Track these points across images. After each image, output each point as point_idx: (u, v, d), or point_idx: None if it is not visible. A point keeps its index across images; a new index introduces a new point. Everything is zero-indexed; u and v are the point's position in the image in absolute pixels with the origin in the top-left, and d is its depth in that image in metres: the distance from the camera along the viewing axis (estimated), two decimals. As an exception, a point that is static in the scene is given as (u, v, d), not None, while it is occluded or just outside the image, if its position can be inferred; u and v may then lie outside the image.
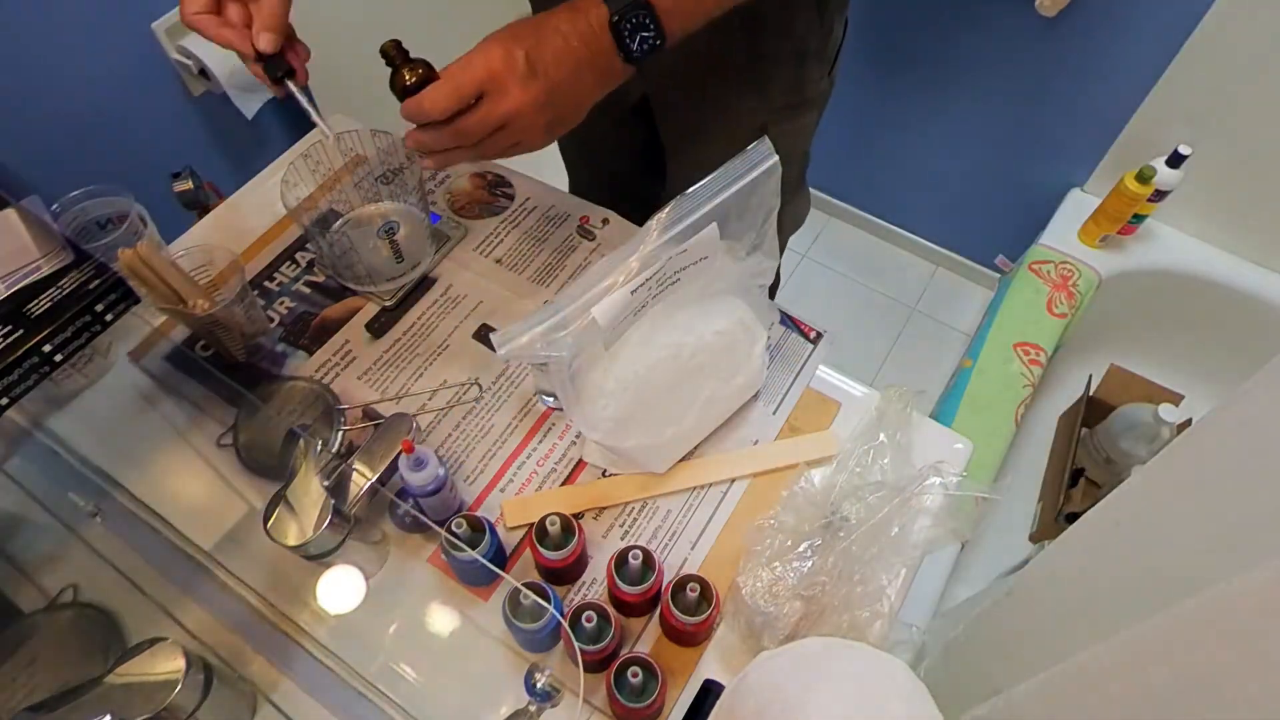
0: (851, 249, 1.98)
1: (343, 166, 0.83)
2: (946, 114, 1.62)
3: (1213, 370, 1.57)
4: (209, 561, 0.66)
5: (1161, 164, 1.37)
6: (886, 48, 1.58)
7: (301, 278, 0.83)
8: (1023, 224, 1.68)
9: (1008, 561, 1.38)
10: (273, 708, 0.60)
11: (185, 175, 1.05)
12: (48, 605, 0.63)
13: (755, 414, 0.75)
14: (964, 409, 1.36)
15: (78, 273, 0.61)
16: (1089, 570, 0.64)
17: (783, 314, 0.81)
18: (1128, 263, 1.53)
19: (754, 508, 0.69)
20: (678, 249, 0.60)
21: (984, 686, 0.63)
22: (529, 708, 0.55)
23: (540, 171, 0.95)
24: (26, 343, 0.58)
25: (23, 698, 0.57)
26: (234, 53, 0.62)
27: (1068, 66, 1.40)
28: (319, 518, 0.58)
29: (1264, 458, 0.45)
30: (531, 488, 0.70)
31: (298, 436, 0.62)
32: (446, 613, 0.64)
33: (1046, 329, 1.46)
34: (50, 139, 1.19)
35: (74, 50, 1.17)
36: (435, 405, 0.74)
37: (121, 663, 0.52)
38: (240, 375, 0.75)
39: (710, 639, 0.63)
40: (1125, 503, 0.59)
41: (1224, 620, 0.38)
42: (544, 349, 0.58)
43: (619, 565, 0.60)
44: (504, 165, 0.94)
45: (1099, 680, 0.47)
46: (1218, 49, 1.25)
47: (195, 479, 0.71)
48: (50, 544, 0.68)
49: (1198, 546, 0.49)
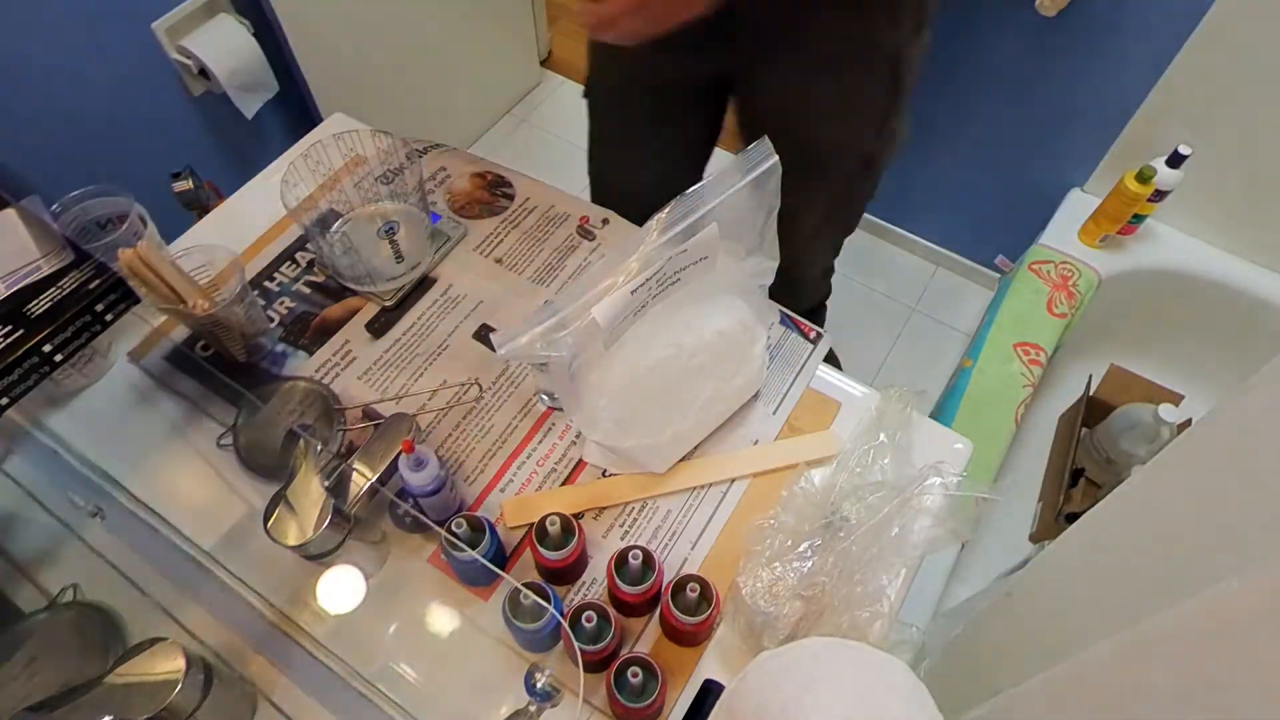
0: (851, 249, 1.97)
1: (343, 166, 0.83)
2: (946, 114, 1.62)
3: (1213, 370, 1.57)
4: (209, 561, 0.66)
5: (1161, 164, 1.37)
6: (886, 48, 1.58)
7: (301, 278, 0.83)
8: (1023, 224, 1.68)
9: (1008, 561, 1.38)
10: (273, 707, 0.60)
11: (185, 175, 1.05)
12: (48, 605, 0.63)
13: (755, 414, 0.75)
14: (964, 409, 1.36)
15: (78, 273, 0.61)
16: (1089, 571, 0.64)
17: (782, 314, 0.81)
18: (1128, 263, 1.53)
19: (754, 508, 0.69)
20: (678, 249, 0.60)
21: (984, 686, 0.63)
22: (529, 708, 0.55)
23: (540, 172, 0.95)
24: (26, 343, 0.58)
25: (23, 698, 0.57)
26: (233, 53, 0.62)
27: (1068, 66, 1.40)
28: (319, 518, 0.58)
29: (1264, 458, 0.45)
30: (531, 488, 0.70)
31: (298, 436, 0.62)
32: (446, 613, 0.64)
33: (1046, 329, 1.46)
34: (50, 139, 1.19)
35: (74, 50, 1.17)
36: (435, 405, 0.74)
37: (121, 663, 0.52)
38: (240, 375, 0.75)
39: (710, 639, 0.63)
40: (1125, 503, 0.59)
41: (1224, 620, 0.38)
42: (544, 349, 0.58)
43: (619, 565, 0.60)
44: (504, 165, 0.94)
45: (1099, 680, 0.47)
46: (1218, 49, 1.25)
47: (195, 479, 0.71)
48: (50, 544, 0.68)
49: (1198, 546, 0.49)
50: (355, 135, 0.81)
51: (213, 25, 1.29)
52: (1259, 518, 0.44)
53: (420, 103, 1.78)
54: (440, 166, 0.93)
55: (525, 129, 2.09)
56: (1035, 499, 1.54)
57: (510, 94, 2.12)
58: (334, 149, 0.81)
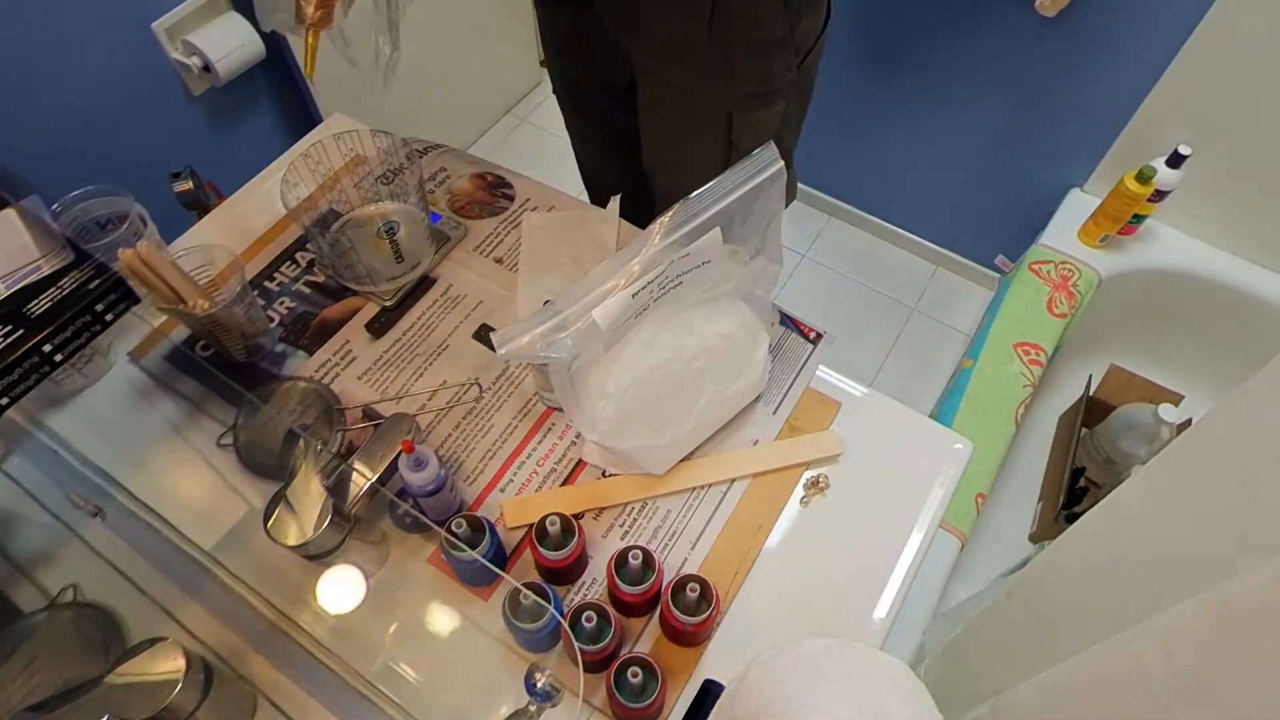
0: (851, 249, 1.98)
1: (343, 166, 0.83)
2: (946, 114, 1.62)
3: (1213, 370, 1.57)
4: (209, 561, 0.66)
5: (1161, 164, 1.37)
6: (886, 47, 1.58)
7: (301, 278, 0.83)
8: (1023, 224, 1.68)
9: (1008, 561, 1.38)
10: (273, 707, 0.60)
11: (185, 175, 1.05)
12: (48, 605, 0.63)
13: (755, 414, 0.75)
14: (964, 409, 1.36)
15: (78, 273, 0.61)
16: (1089, 570, 0.64)
17: (783, 314, 0.81)
18: (1128, 263, 1.53)
19: (754, 508, 0.69)
20: (680, 253, 0.60)
21: (984, 686, 0.63)
22: (529, 708, 0.55)
23: (540, 172, 0.95)
24: (27, 343, 0.58)
25: (23, 698, 0.57)
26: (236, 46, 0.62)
27: (1067, 66, 1.40)
28: (319, 518, 0.58)
29: (1264, 458, 0.45)
30: (531, 488, 0.70)
31: (298, 436, 0.62)
32: (446, 613, 0.64)
33: (1046, 329, 1.46)
34: (50, 139, 1.19)
35: (74, 50, 1.17)
36: (435, 405, 0.74)
37: (121, 662, 0.52)
38: (240, 375, 0.75)
39: (710, 639, 0.63)
40: (1125, 503, 0.59)
41: (1224, 620, 0.38)
42: (544, 350, 0.58)
43: (619, 565, 0.60)
44: (504, 166, 0.94)
45: (1099, 680, 0.47)
46: (1218, 49, 1.25)
47: (195, 479, 0.71)
48: (50, 544, 0.68)
49: (1197, 546, 0.49)
50: (355, 135, 0.80)
51: (217, 22, 1.29)
52: (1259, 518, 0.45)
53: (420, 103, 1.77)
54: (440, 167, 0.93)
55: (525, 129, 2.09)
56: (1035, 499, 1.54)
57: (510, 94, 2.12)
58: (334, 149, 0.81)
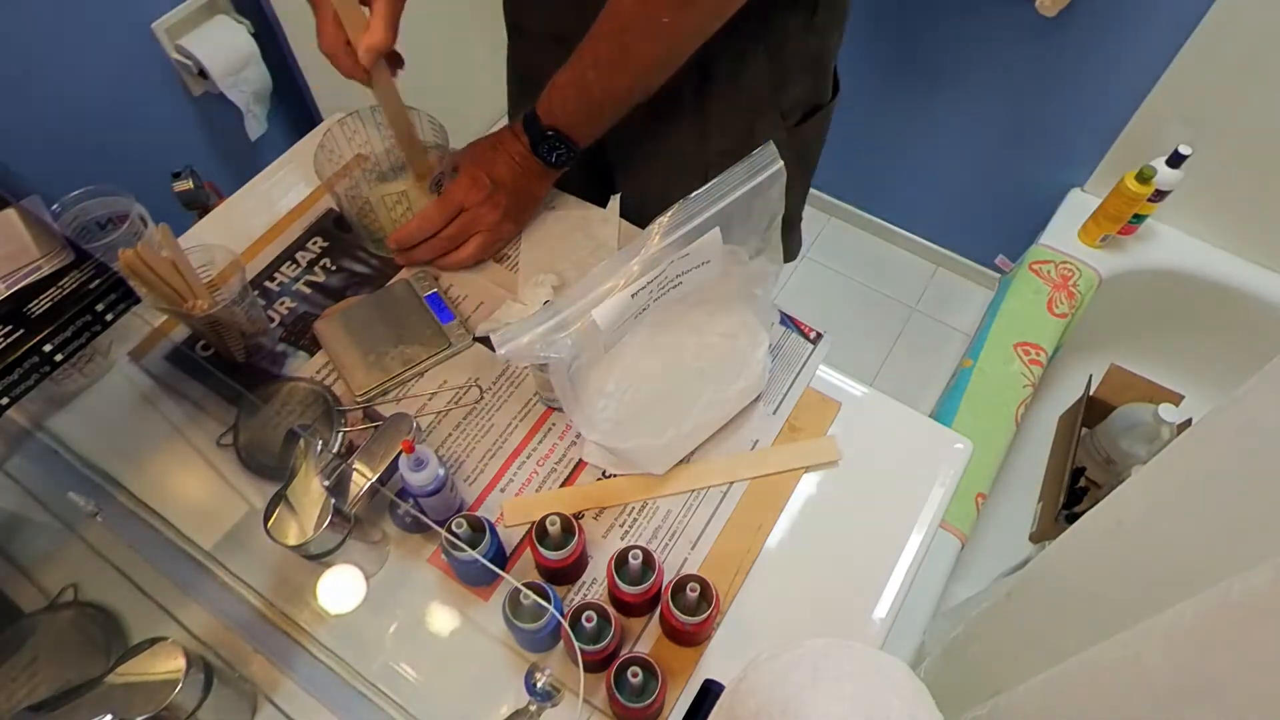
0: (851, 249, 1.98)
1: (353, 159, 0.84)
2: (946, 114, 1.62)
3: (1213, 370, 1.57)
4: (209, 561, 0.66)
5: (1161, 164, 1.37)
6: (887, 47, 1.58)
7: (302, 278, 0.83)
8: (1023, 224, 1.68)
9: (1008, 561, 1.38)
10: (273, 707, 0.60)
11: (185, 175, 1.05)
12: (48, 605, 0.63)
13: (755, 414, 0.75)
14: (964, 409, 1.36)
15: (78, 273, 0.61)
16: (1089, 570, 0.64)
17: (783, 314, 0.81)
18: (1128, 263, 1.53)
19: (754, 508, 0.69)
20: (680, 253, 0.60)
21: (984, 686, 0.63)
22: (529, 708, 0.55)
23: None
24: (27, 343, 0.58)
25: (23, 698, 0.57)
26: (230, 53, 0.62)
27: (1068, 66, 1.40)
28: (319, 518, 0.58)
29: (1264, 458, 0.45)
30: (531, 488, 0.70)
31: (298, 436, 0.62)
32: (446, 613, 0.64)
33: (1047, 329, 1.46)
34: (50, 139, 1.19)
35: (74, 50, 1.17)
36: (435, 405, 0.74)
37: (121, 662, 0.52)
38: (240, 375, 0.75)
39: (710, 639, 0.63)
40: (1125, 503, 0.59)
41: (1224, 621, 0.38)
42: (544, 350, 0.58)
43: (619, 565, 0.60)
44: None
45: (1099, 680, 0.47)
46: (1218, 49, 1.25)
47: (195, 479, 0.71)
48: (50, 544, 0.68)
49: (1197, 546, 0.49)
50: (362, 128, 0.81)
51: (211, 25, 1.29)
52: (1259, 518, 0.45)
53: (420, 103, 1.77)
54: (440, 166, 0.93)
55: (525, 129, 2.09)
56: (1035, 499, 1.54)
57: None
58: (343, 142, 0.82)
